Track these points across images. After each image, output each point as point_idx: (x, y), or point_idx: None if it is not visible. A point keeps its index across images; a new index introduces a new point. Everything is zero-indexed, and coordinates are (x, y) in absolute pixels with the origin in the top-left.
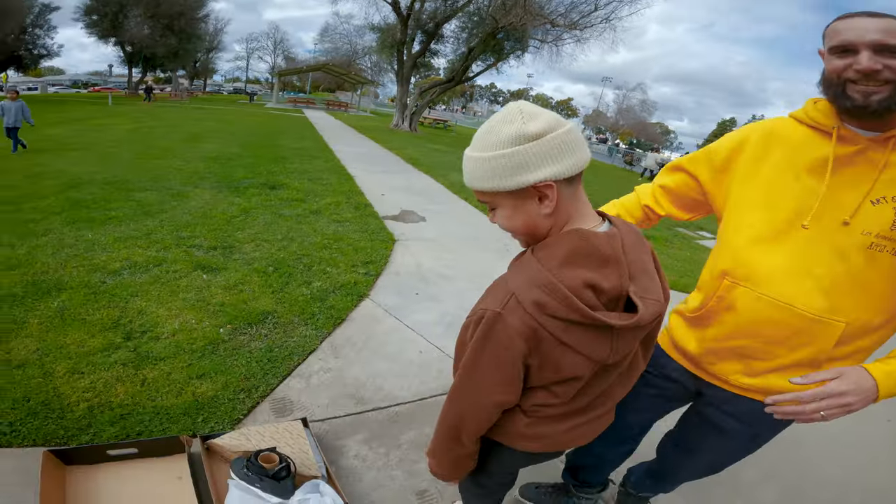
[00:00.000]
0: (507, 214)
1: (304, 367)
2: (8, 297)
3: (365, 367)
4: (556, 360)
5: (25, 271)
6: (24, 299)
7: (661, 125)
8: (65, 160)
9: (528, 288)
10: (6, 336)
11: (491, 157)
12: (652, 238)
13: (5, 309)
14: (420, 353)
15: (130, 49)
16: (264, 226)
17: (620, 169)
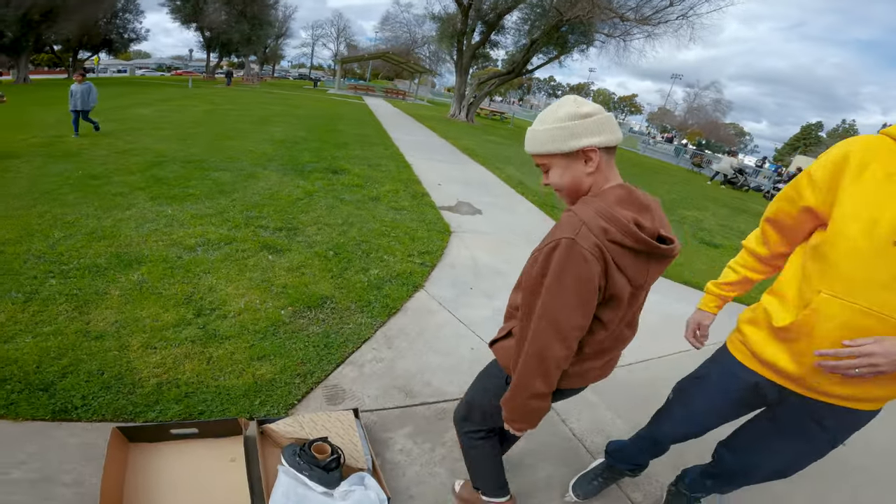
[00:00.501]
0: (559, 173)
1: (358, 355)
2: (92, 268)
3: (416, 360)
4: (612, 282)
5: (110, 243)
6: (106, 271)
7: (735, 126)
8: (151, 138)
9: (594, 217)
10: (87, 307)
11: (552, 128)
12: (719, 247)
13: (89, 279)
14: (472, 349)
15: (209, 34)
16: (326, 209)
17: (687, 171)
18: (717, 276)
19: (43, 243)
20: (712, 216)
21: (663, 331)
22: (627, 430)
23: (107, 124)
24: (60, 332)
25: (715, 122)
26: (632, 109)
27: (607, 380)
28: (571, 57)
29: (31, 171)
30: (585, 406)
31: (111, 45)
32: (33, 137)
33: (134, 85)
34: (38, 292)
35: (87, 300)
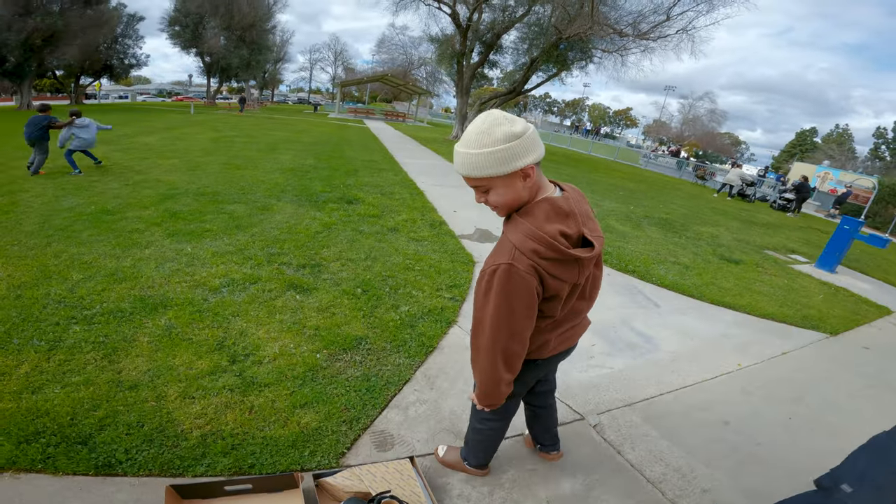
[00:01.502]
0: (500, 192)
1: (401, 397)
2: (117, 313)
3: (460, 399)
4: (548, 287)
5: (132, 285)
6: (132, 315)
7: (730, 136)
8: (160, 169)
9: (524, 241)
10: (117, 355)
11: (491, 152)
12: (740, 263)
13: (114, 325)
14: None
15: (209, 59)
16: (347, 243)
17: (691, 184)
18: (745, 293)
19: (62, 286)
20: (726, 231)
21: (703, 353)
22: (685, 457)
23: (115, 154)
24: (91, 382)
25: (711, 132)
26: (627, 123)
27: (656, 408)
28: (571, 74)
29: (42, 205)
30: (638, 436)
31: (112, 70)
32: (41, 168)
33: (136, 112)
34: (63, 340)
35: (116, 348)
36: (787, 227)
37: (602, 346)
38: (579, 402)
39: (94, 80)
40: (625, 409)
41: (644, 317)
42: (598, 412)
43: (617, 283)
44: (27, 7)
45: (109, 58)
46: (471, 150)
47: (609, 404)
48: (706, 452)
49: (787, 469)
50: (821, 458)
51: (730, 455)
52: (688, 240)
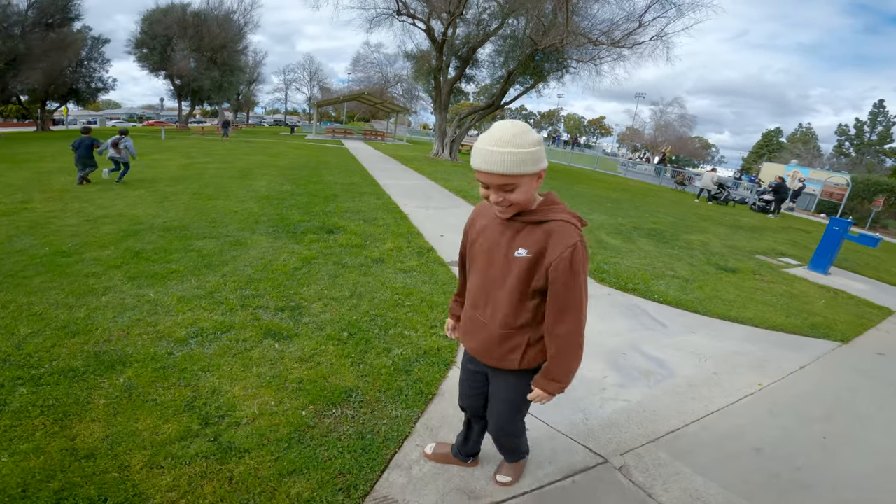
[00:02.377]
0: (523, 191)
1: (402, 455)
2: (68, 372)
3: None
4: None
5: (86, 339)
6: (85, 375)
7: (700, 139)
8: (124, 201)
9: (573, 219)
10: (69, 419)
11: (529, 152)
12: (737, 272)
13: (65, 386)
14: (527, 430)
15: (179, 82)
16: (329, 280)
17: (671, 190)
18: (749, 304)
19: (7, 342)
20: (715, 237)
21: (721, 374)
22: (724, 493)
23: (76, 186)
24: (42, 450)
25: (682, 137)
26: (602, 132)
27: (683, 441)
28: (548, 85)
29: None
30: (669, 476)
31: (78, 94)
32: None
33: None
34: (7, 403)
35: (68, 412)
36: (770, 230)
37: (614, 376)
38: (600, 444)
39: (60, 104)
40: (649, 446)
41: (653, 339)
42: (622, 452)
43: (620, 304)
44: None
45: (75, 81)
46: (511, 148)
47: (632, 442)
48: (745, 486)
49: (834, 493)
50: (865, 478)
51: (770, 485)
52: (681, 250)
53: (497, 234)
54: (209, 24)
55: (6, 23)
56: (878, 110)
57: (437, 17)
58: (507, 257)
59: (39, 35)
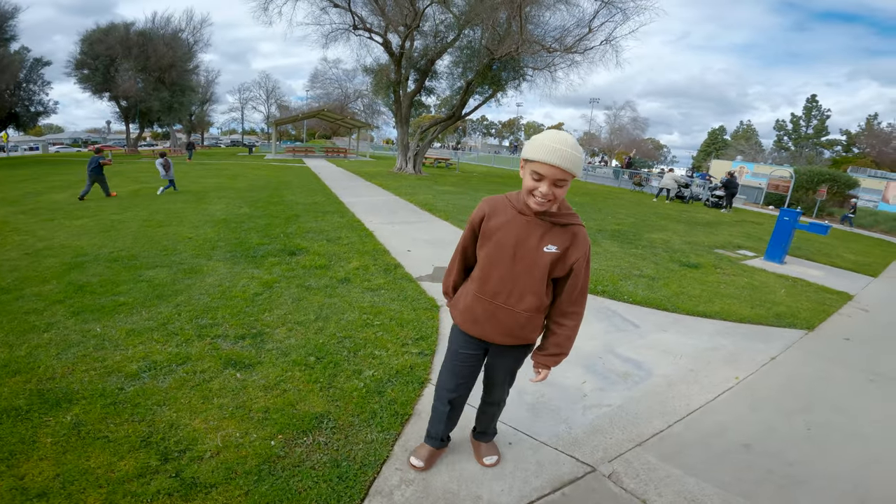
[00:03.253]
0: (566, 188)
1: (381, 481)
2: (10, 411)
3: (452, 473)
4: None
5: (28, 378)
6: (29, 413)
7: (653, 141)
8: (67, 232)
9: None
10: (15, 459)
11: (583, 159)
12: (699, 267)
13: (8, 425)
14: (510, 444)
15: (125, 104)
16: (293, 303)
17: (630, 191)
18: (714, 299)
19: None
20: (675, 235)
21: (697, 371)
22: (720, 493)
23: (16, 217)
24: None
25: (636, 139)
26: None
27: (669, 443)
28: (506, 94)
29: None
30: (661, 479)
31: (18, 119)
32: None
33: (48, 164)
34: None
35: (14, 450)
36: (725, 224)
37: (593, 381)
38: (586, 452)
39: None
40: (637, 451)
41: (627, 340)
42: (609, 459)
43: (591, 307)
44: None
45: (13, 105)
46: (577, 152)
47: (618, 448)
48: (740, 484)
49: (830, 486)
50: (860, 466)
51: (766, 481)
52: (644, 249)
53: (524, 230)
54: (155, 44)
55: None
56: (811, 105)
57: (394, 31)
58: (538, 251)
59: None
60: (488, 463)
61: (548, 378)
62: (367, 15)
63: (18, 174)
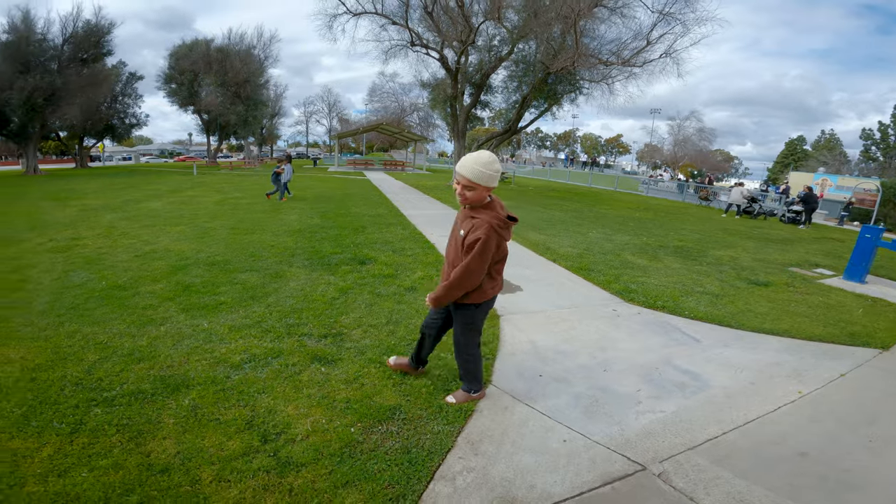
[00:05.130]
0: (477, 192)
1: (446, 467)
2: (138, 394)
3: (510, 463)
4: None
5: (151, 365)
6: (154, 396)
7: (722, 152)
8: (168, 237)
9: (492, 219)
10: (143, 437)
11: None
12: (769, 285)
13: (137, 407)
14: (564, 441)
15: (207, 117)
16: (366, 308)
17: (696, 206)
18: (783, 316)
19: (78, 368)
20: (744, 252)
21: (758, 384)
22: (769, 495)
23: (121, 223)
24: (120, 465)
25: (703, 150)
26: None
27: (722, 448)
28: (562, 107)
29: (52, 282)
30: (710, 480)
31: (114, 131)
32: (50, 241)
33: (140, 174)
34: (84, 422)
35: (141, 430)
36: (802, 241)
37: (648, 389)
38: (638, 452)
39: (97, 141)
40: (688, 453)
41: (686, 354)
42: (660, 459)
43: (649, 322)
44: (27, 65)
45: (110, 117)
46: (480, 167)
47: (670, 450)
48: (791, 488)
49: (885, 492)
50: None
51: (818, 486)
52: (709, 266)
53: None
54: (232, 59)
55: (43, 57)
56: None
57: (450, 46)
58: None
59: (75, 70)
60: (448, 400)
61: (603, 384)
62: (423, 31)
63: (117, 183)
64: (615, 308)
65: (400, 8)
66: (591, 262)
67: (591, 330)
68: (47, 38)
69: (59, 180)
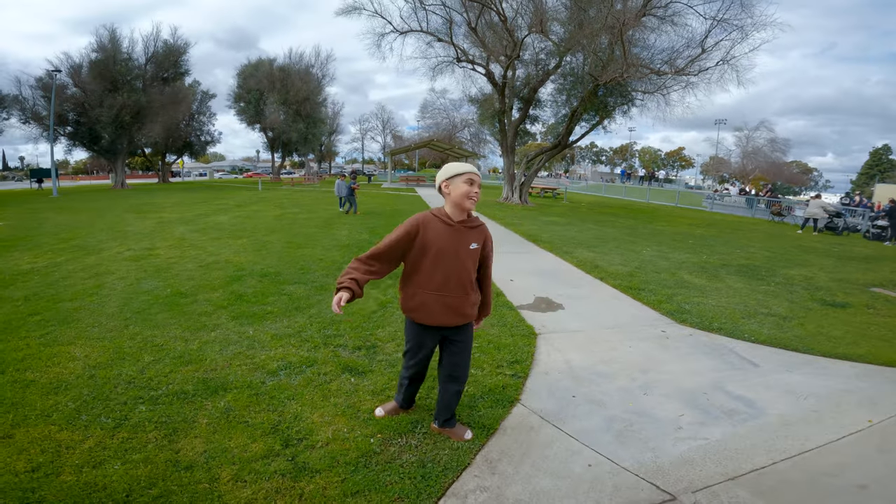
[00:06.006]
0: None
1: (459, 485)
2: (181, 394)
3: (526, 485)
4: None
5: (197, 368)
6: (194, 397)
7: (798, 164)
8: (230, 249)
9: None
10: (176, 435)
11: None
12: (847, 307)
13: (177, 406)
14: (589, 466)
15: (271, 134)
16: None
17: (767, 222)
18: (861, 341)
19: (133, 367)
20: (820, 270)
21: (822, 412)
22: None
23: (192, 235)
24: (150, 460)
25: (776, 162)
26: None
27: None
28: (615, 120)
29: (124, 288)
30: None
31: (192, 147)
32: (128, 250)
33: (213, 189)
34: (128, 418)
35: (176, 428)
36: (888, 259)
37: (692, 415)
38: (669, 482)
39: (177, 157)
40: (728, 484)
41: (741, 378)
42: (694, 490)
43: (701, 344)
44: (114, 83)
45: (188, 134)
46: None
47: (706, 480)
48: None
49: None
50: None
51: None
52: (777, 286)
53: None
54: (292, 78)
55: (129, 76)
56: None
57: (496, 61)
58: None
59: (158, 89)
60: (468, 437)
61: (641, 408)
62: (469, 47)
63: (192, 197)
64: (664, 329)
65: (444, 25)
66: (641, 281)
67: (634, 351)
68: (132, 58)
69: (143, 194)
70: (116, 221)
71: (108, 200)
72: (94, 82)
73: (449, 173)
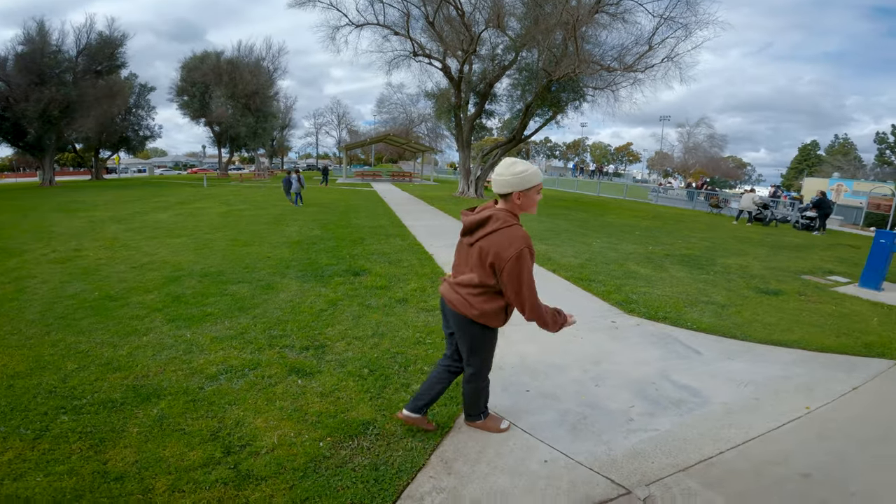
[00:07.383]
0: None
1: (414, 487)
2: (107, 403)
3: (483, 484)
4: None
5: (126, 374)
6: (123, 406)
7: (734, 159)
8: (168, 249)
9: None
10: (103, 445)
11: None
12: (780, 294)
13: (104, 415)
14: (545, 462)
15: (218, 129)
16: (353, 320)
17: (707, 214)
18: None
19: (54, 376)
20: (755, 259)
21: (763, 400)
22: None
23: (125, 234)
24: (75, 471)
25: (714, 157)
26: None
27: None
28: (567, 115)
29: (47, 292)
30: None
31: (128, 143)
32: (53, 252)
33: (153, 186)
34: (49, 429)
35: (103, 438)
36: (816, 247)
37: (641, 405)
38: (623, 475)
39: (112, 153)
40: (679, 476)
41: (685, 367)
42: (647, 483)
43: (647, 333)
44: (42, 77)
45: (125, 129)
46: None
47: (658, 472)
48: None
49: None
50: None
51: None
52: (716, 275)
53: None
54: (241, 71)
55: (58, 69)
56: None
57: (453, 56)
58: None
59: (90, 82)
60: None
61: (594, 400)
62: (426, 41)
63: (127, 195)
64: (614, 320)
65: (401, 18)
66: (592, 273)
67: (586, 342)
68: (62, 50)
69: (73, 192)
70: (42, 221)
71: (34, 199)
72: (20, 76)
73: (528, 183)
